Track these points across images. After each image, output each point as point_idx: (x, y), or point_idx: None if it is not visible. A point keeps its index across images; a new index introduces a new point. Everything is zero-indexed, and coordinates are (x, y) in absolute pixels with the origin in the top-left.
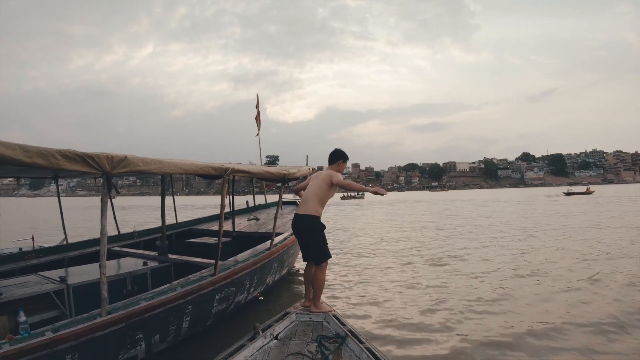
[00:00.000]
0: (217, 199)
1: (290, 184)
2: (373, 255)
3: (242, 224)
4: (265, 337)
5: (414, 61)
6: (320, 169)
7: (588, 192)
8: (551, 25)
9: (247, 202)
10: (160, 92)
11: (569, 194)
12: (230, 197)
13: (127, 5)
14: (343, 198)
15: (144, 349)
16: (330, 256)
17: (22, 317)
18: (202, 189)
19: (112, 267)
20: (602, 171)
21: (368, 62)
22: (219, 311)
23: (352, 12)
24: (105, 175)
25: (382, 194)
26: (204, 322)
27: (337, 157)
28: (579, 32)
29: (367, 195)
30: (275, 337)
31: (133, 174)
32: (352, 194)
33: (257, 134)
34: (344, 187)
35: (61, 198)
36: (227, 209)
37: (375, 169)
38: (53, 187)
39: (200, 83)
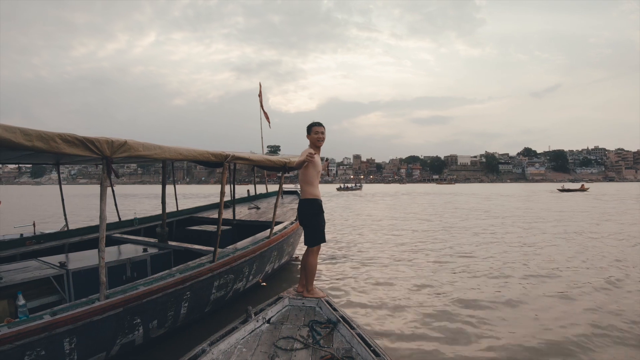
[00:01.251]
0: (218, 188)
1: (292, 173)
2: (377, 250)
3: (243, 212)
4: (257, 321)
5: (418, 54)
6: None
7: (582, 189)
8: (557, 21)
9: (247, 190)
10: (163, 81)
11: (563, 190)
12: (231, 185)
13: None
14: (339, 189)
15: (142, 334)
16: (323, 241)
17: (21, 301)
18: (203, 178)
19: (112, 253)
20: (603, 169)
21: (371, 54)
22: (217, 298)
23: (356, 3)
24: (106, 159)
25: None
26: (202, 309)
27: (308, 129)
28: (585, 29)
29: (365, 186)
30: (268, 321)
31: (133, 159)
32: (349, 185)
33: (268, 123)
34: (296, 168)
35: (62, 186)
36: (227, 198)
37: (376, 161)
38: (54, 175)
39: (202, 72)
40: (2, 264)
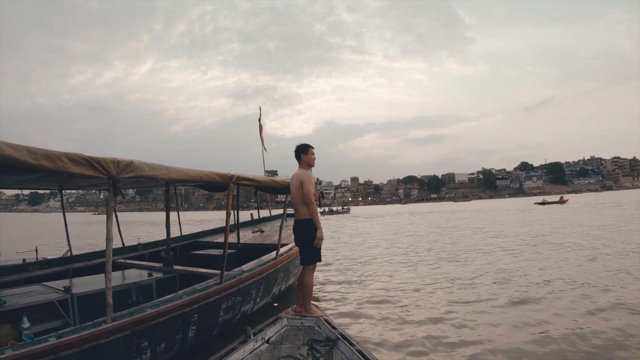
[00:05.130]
0: (216, 214)
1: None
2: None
3: (247, 236)
4: (256, 341)
5: (410, 74)
6: (318, 181)
7: (561, 201)
8: (546, 35)
9: (251, 214)
10: (160, 108)
11: (542, 203)
12: (236, 209)
13: (128, 22)
14: (323, 214)
15: (150, 358)
16: (319, 260)
17: (26, 323)
18: (201, 204)
19: (117, 278)
20: (600, 178)
21: (365, 76)
22: (225, 320)
23: (349, 27)
24: (112, 179)
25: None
26: (210, 332)
27: (298, 153)
28: (574, 41)
29: (362, 208)
30: (267, 341)
31: (139, 179)
32: (335, 208)
33: (264, 149)
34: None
35: (60, 212)
36: (231, 222)
37: (374, 182)
38: (52, 202)
39: (199, 99)
40: (5, 289)
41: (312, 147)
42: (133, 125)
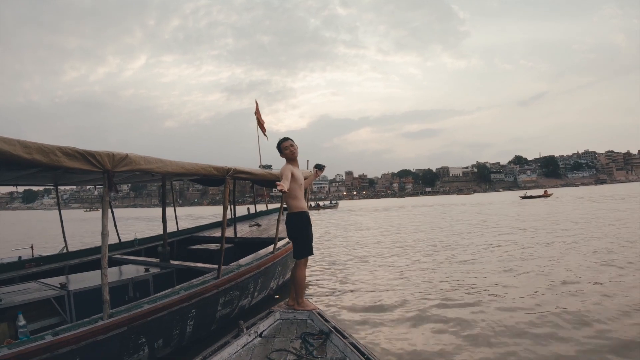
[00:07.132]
0: (211, 210)
1: None
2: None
3: (244, 230)
4: (249, 335)
5: (405, 68)
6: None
7: (546, 195)
8: (540, 29)
9: (248, 208)
10: (154, 103)
11: (525, 197)
12: (232, 204)
13: (121, 17)
14: (310, 209)
15: (147, 354)
16: (311, 253)
17: (22, 321)
18: (195, 200)
19: (113, 274)
20: (594, 172)
21: (360, 70)
22: (223, 315)
23: (343, 22)
24: (107, 173)
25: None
26: (208, 327)
27: (279, 151)
28: (568, 35)
29: (348, 203)
30: (260, 335)
31: (135, 173)
32: (322, 203)
33: (266, 138)
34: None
35: (54, 210)
36: (228, 216)
37: (368, 176)
38: (46, 200)
39: (193, 94)
40: (1, 287)
41: (284, 141)
42: (127, 121)
